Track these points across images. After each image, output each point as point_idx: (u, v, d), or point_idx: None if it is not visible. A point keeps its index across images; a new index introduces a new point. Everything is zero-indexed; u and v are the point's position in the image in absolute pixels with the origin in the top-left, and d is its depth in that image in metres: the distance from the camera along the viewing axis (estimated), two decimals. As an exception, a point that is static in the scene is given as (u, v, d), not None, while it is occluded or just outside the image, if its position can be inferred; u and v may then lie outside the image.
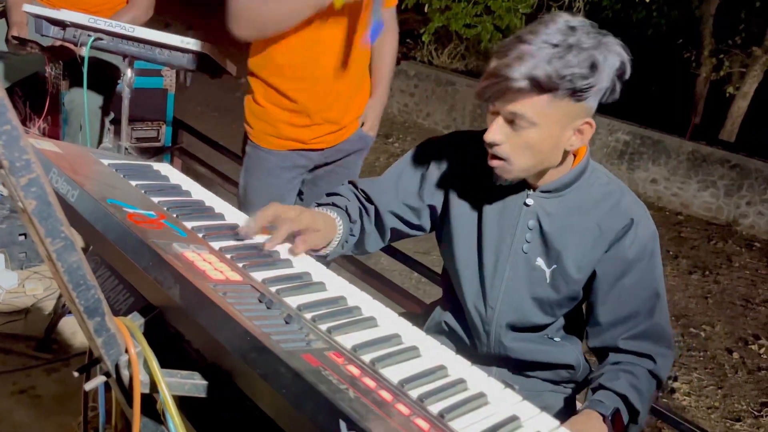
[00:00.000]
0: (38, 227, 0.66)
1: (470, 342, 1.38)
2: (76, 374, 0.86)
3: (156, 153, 3.10)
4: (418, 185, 1.35)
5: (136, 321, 0.87)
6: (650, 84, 8.43)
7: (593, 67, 1.07)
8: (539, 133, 1.12)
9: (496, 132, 1.14)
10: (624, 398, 1.17)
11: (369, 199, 1.37)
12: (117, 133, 2.61)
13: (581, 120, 1.14)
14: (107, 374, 0.81)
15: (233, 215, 1.20)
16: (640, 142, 6.56)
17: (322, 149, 1.97)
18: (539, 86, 1.07)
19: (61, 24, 2.06)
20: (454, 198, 1.33)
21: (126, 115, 2.19)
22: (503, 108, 1.12)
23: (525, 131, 1.12)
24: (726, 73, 7.68)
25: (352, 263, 2.58)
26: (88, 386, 0.80)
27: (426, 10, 7.83)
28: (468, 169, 1.32)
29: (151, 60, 2.09)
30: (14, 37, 2.38)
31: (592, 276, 1.27)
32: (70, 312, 2.11)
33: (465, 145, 1.33)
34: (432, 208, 1.37)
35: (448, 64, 9.26)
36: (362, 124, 2.05)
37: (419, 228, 1.40)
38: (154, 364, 0.77)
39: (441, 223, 1.38)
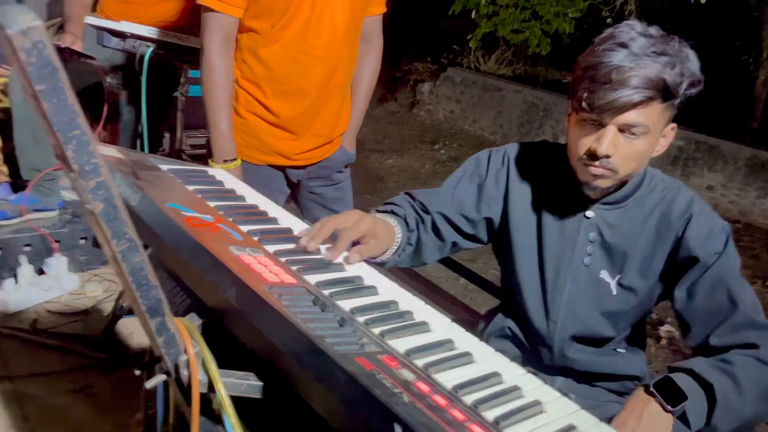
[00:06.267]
0: (105, 229, 0.68)
1: (533, 351, 1.36)
2: (137, 372, 0.89)
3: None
4: (476, 197, 1.34)
5: (194, 322, 0.89)
6: (706, 87, 8.16)
7: (696, 75, 1.10)
8: (648, 141, 1.12)
9: (611, 144, 1.11)
10: (689, 372, 1.07)
11: (425, 210, 1.36)
12: (172, 140, 2.68)
13: (669, 124, 1.16)
14: (167, 373, 0.83)
15: (287, 219, 1.22)
16: (695, 147, 6.35)
17: (305, 167, 1.94)
18: (663, 94, 1.07)
19: (122, 35, 2.14)
20: (512, 211, 1.32)
21: (181, 123, 2.26)
22: (618, 118, 1.10)
23: (637, 140, 1.11)
24: (787, 75, 7.38)
25: (399, 268, 2.57)
26: (149, 384, 0.82)
27: (473, 16, 7.80)
28: (527, 182, 1.31)
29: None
30: (66, 49, 2.47)
31: (663, 281, 1.24)
32: (127, 313, 2.18)
33: (523, 157, 1.33)
34: (489, 220, 1.36)
35: (495, 69, 9.19)
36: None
37: (476, 239, 1.39)
38: (212, 364, 0.79)
39: (499, 235, 1.37)
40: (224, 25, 1.68)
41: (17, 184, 2.69)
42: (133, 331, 2.25)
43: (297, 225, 1.20)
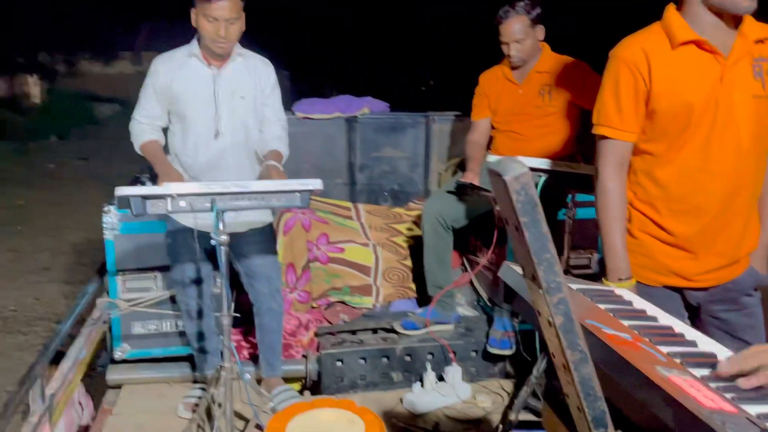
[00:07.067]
0: (562, 339, 0.77)
1: None
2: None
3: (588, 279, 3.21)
4: None
5: (627, 438, 0.90)
6: None
7: None
8: None
9: None
10: None
11: None
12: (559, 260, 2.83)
13: None
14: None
15: (706, 343, 1.16)
16: None
17: (706, 288, 1.78)
18: None
19: (516, 168, 2.42)
20: None
21: (567, 244, 2.37)
22: None
23: None
24: None
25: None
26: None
27: None
28: None
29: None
30: (468, 184, 2.87)
31: None
32: (515, 428, 2.27)
33: None
34: None
35: None
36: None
37: None
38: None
39: None
40: (619, 151, 1.77)
41: (422, 299, 3.15)
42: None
43: (720, 350, 1.13)
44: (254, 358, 2.77)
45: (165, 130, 2.53)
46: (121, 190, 1.86)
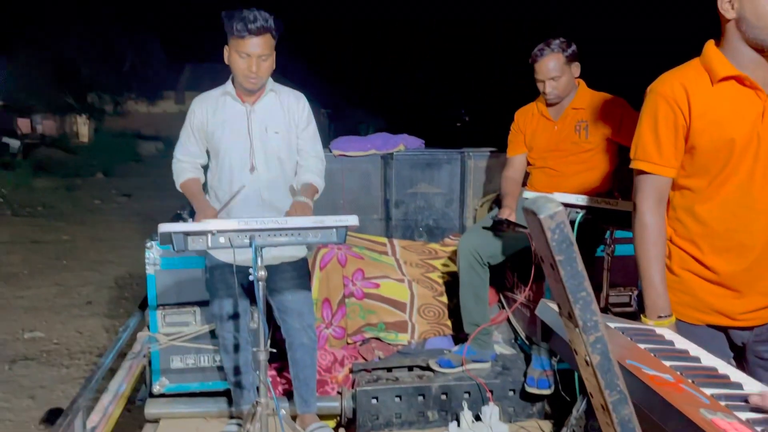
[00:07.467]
0: (600, 379, 0.76)
1: None
2: None
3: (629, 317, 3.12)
4: None
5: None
6: None
7: None
8: None
9: None
10: None
11: None
12: (597, 297, 2.77)
13: None
14: None
15: (752, 385, 1.12)
16: None
17: (752, 328, 1.73)
18: None
19: (552, 204, 2.40)
20: None
21: (606, 281, 2.33)
22: None
23: None
24: None
25: None
26: None
27: None
28: None
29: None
30: (504, 220, 2.86)
31: None
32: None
33: None
34: None
35: None
36: None
37: None
38: None
39: None
40: (657, 186, 1.75)
41: (458, 337, 3.12)
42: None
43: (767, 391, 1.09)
44: (289, 395, 2.77)
45: (206, 168, 2.61)
46: (164, 227, 1.92)
